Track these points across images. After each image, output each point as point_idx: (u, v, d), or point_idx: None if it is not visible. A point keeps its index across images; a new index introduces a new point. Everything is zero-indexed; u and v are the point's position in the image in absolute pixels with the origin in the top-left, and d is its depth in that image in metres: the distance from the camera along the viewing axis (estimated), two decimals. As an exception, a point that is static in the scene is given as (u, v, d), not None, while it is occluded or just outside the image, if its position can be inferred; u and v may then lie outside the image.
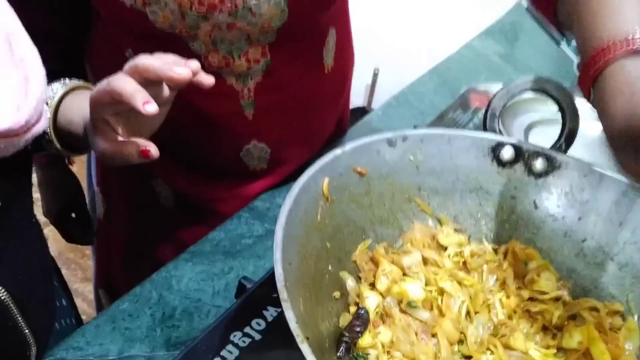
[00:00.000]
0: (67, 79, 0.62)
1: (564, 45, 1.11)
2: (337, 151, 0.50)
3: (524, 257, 0.54)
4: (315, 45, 0.77)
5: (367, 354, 0.42)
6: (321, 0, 0.69)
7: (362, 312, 0.45)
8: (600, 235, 0.53)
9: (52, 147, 0.60)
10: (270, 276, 0.62)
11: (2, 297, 0.46)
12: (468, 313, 0.49)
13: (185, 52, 0.65)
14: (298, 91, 0.77)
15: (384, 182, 0.53)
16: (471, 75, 1.16)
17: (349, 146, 0.50)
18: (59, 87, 0.60)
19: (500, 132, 0.58)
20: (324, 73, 0.80)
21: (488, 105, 0.56)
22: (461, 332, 0.47)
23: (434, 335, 0.46)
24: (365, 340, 0.43)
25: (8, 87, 0.44)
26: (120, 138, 0.52)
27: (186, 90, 0.71)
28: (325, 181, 0.47)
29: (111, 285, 0.96)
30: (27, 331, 0.49)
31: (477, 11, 1.88)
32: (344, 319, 0.45)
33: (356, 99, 2.01)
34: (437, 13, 1.95)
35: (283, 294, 0.35)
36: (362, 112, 2.23)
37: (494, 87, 1.03)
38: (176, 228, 0.84)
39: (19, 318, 0.48)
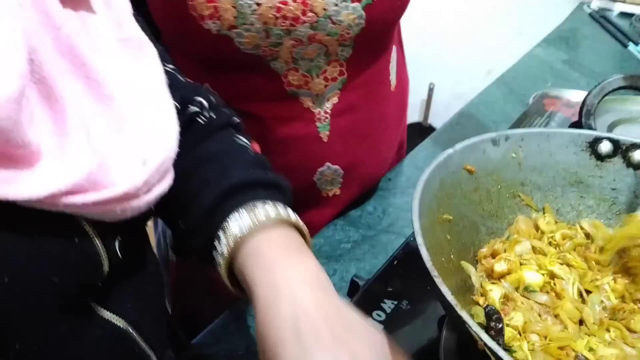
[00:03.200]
0: (276, 205, 0.46)
1: (631, 46, 1.12)
2: (449, 151, 0.54)
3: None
4: (383, 63, 0.80)
5: (511, 346, 0.45)
6: (393, 5, 0.72)
7: (489, 310, 0.42)
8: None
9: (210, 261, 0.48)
10: (382, 273, 0.66)
11: (128, 330, 0.45)
12: (581, 294, 0.52)
13: (266, 74, 0.69)
14: (369, 111, 0.80)
15: (490, 179, 0.57)
16: (538, 83, 1.19)
17: (459, 146, 0.55)
18: (258, 214, 0.45)
19: (595, 128, 0.61)
20: (390, 91, 0.83)
21: (583, 103, 0.60)
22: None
23: (555, 317, 0.49)
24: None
25: (134, 140, 0.39)
26: None
27: (265, 117, 0.75)
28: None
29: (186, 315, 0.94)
30: (149, 352, 0.48)
31: (530, 20, 1.91)
32: (475, 312, 0.48)
33: (411, 114, 2.06)
34: (488, 25, 1.98)
35: (434, 272, 0.39)
36: (419, 127, 2.27)
37: (566, 92, 1.05)
38: None
39: (142, 343, 0.47)
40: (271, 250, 0.43)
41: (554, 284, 0.51)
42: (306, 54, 0.69)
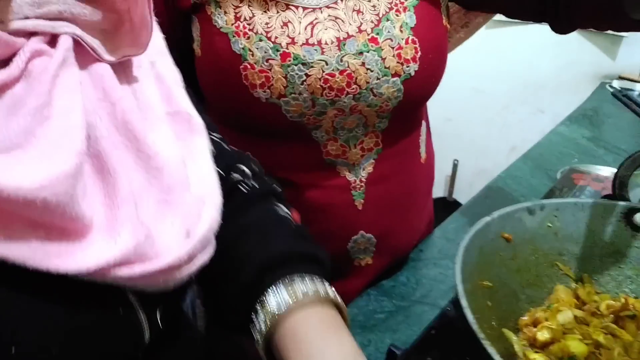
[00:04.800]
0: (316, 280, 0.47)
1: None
2: (487, 218, 0.55)
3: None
4: (414, 135, 0.84)
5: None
6: (429, 81, 0.75)
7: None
8: None
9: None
10: (419, 343, 0.66)
11: None
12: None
13: (307, 143, 0.73)
14: (401, 181, 0.82)
15: (528, 247, 0.58)
16: (564, 159, 1.21)
17: (496, 214, 0.56)
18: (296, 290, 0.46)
19: (629, 200, 0.62)
20: (421, 163, 0.86)
21: (616, 175, 0.61)
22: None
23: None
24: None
25: (179, 211, 0.40)
26: None
27: (302, 184, 0.77)
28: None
29: None
30: None
31: (550, 99, 1.96)
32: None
33: (436, 190, 2.08)
34: (509, 104, 2.04)
35: (480, 334, 0.39)
36: (443, 202, 2.29)
37: (593, 168, 1.07)
38: None
39: None
40: (309, 331, 0.44)
41: (600, 353, 0.51)
42: (346, 124, 0.73)
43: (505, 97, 2.04)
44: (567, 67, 1.88)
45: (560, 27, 0.75)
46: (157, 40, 0.48)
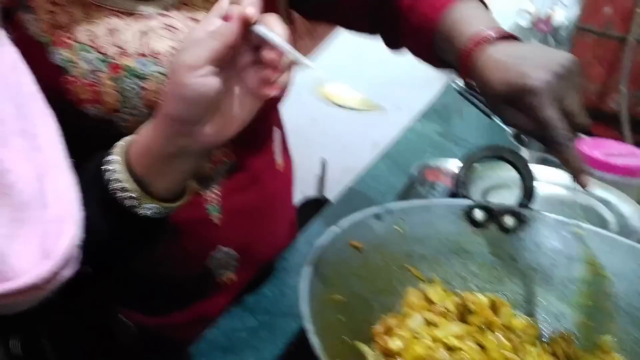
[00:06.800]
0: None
1: (495, 117, 1.24)
2: (335, 229, 0.54)
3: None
4: (267, 145, 0.82)
5: None
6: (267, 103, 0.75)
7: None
8: (574, 277, 0.59)
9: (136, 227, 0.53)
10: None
11: None
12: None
13: None
14: (258, 190, 0.80)
15: (377, 253, 0.58)
16: (418, 155, 1.26)
17: (343, 223, 0.55)
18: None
19: (469, 197, 0.65)
20: (277, 170, 0.85)
21: (457, 174, 0.63)
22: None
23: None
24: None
25: (36, 229, 0.39)
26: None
27: None
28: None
29: None
30: None
31: (409, 98, 2.06)
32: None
33: (308, 190, 2.09)
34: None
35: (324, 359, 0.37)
36: (316, 202, 2.30)
37: (443, 162, 1.12)
38: None
39: None
40: None
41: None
42: None
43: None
44: (419, 64, 1.98)
45: (390, 44, 0.81)
46: (9, 54, 0.45)
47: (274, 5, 0.74)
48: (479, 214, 0.62)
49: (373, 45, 0.86)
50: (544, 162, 0.91)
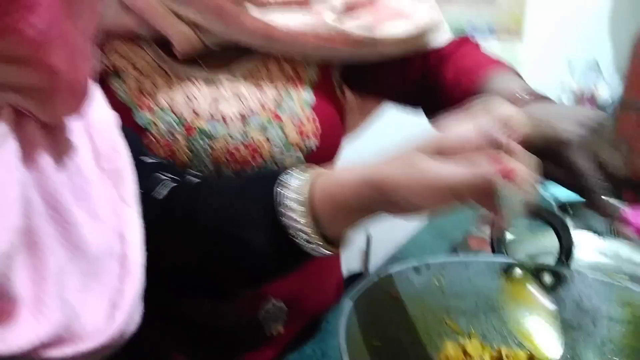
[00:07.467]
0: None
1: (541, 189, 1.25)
2: (374, 278, 0.57)
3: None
4: None
5: None
6: (327, 153, 0.79)
7: None
8: (613, 336, 0.59)
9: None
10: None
11: None
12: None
13: None
14: None
15: (416, 305, 0.60)
16: (462, 224, 1.27)
17: (382, 274, 0.58)
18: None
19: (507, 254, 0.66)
20: None
21: (494, 233, 0.65)
22: None
23: None
24: None
25: (105, 281, 0.40)
26: None
27: None
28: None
29: None
30: None
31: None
32: None
33: (352, 264, 2.10)
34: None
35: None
36: (361, 276, 2.30)
37: (486, 231, 1.13)
38: None
39: None
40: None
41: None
42: None
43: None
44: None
45: (431, 116, 0.85)
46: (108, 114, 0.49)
47: (329, 79, 0.82)
48: (517, 272, 0.63)
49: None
50: (589, 229, 0.92)
